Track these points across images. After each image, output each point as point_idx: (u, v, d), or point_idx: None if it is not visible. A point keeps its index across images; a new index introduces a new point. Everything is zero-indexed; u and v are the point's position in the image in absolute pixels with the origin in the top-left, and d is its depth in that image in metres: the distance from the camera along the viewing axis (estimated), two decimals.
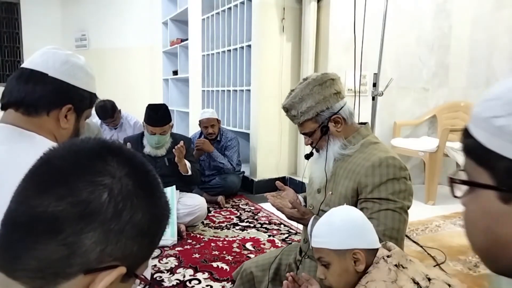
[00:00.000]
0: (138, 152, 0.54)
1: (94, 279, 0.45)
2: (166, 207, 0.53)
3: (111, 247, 0.45)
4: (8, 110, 0.97)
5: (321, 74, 1.31)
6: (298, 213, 1.30)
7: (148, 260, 0.54)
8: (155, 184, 0.52)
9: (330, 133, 1.30)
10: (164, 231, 0.54)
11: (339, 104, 1.29)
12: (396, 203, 1.17)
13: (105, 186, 0.45)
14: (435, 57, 4.05)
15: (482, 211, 0.46)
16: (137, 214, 0.47)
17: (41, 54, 1.00)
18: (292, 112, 1.33)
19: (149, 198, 0.49)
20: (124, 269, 0.46)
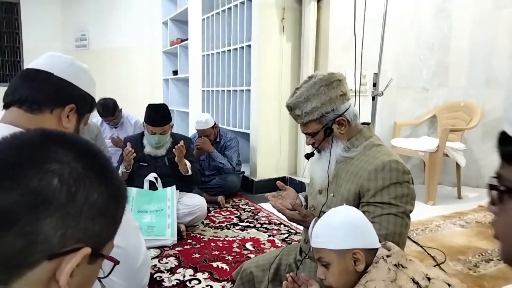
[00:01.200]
0: (82, 137, 0.54)
1: (60, 264, 0.45)
2: (121, 186, 0.53)
3: (71, 230, 0.45)
4: (10, 109, 0.98)
5: (328, 74, 1.27)
6: (299, 216, 1.29)
7: (113, 240, 0.54)
8: (105, 165, 0.52)
9: (333, 135, 1.28)
10: (123, 211, 0.54)
11: (345, 106, 1.27)
12: (398, 207, 1.16)
13: (54, 172, 0.45)
14: (435, 57, 4.05)
15: None
16: (92, 195, 0.47)
17: (46, 57, 1.04)
18: (296, 111, 1.30)
19: (101, 178, 0.49)
20: (89, 249, 0.47)
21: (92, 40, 6.84)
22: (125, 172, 2.74)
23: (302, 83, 1.32)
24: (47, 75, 1.00)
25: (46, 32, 6.78)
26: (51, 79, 1.00)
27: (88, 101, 1.07)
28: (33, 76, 1.00)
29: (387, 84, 2.70)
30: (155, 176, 2.79)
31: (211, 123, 3.54)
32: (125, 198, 0.54)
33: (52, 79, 1.00)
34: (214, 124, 3.61)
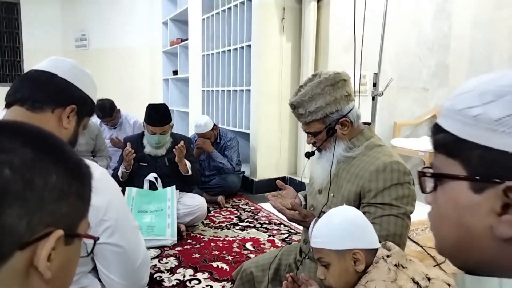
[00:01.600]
0: (26, 122, 0.53)
1: (34, 251, 0.44)
2: (80, 163, 0.52)
3: (37, 216, 0.44)
4: (12, 107, 0.99)
5: (333, 74, 1.25)
6: (299, 216, 1.28)
7: (87, 218, 0.53)
8: (57, 145, 0.51)
9: (335, 135, 1.28)
10: (90, 187, 0.53)
11: (348, 106, 1.26)
12: (399, 208, 1.16)
13: (3, 162, 0.43)
14: (435, 57, 4.05)
15: (453, 203, 0.46)
16: (50, 178, 0.46)
17: (50, 60, 1.06)
18: (300, 110, 1.28)
19: (56, 159, 0.48)
20: (61, 231, 0.46)
21: (92, 40, 6.84)
22: (125, 172, 2.74)
23: (306, 81, 1.30)
24: (50, 76, 1.02)
25: (46, 32, 6.77)
26: (54, 79, 1.02)
27: (88, 104, 1.08)
28: (36, 76, 1.02)
29: (387, 84, 2.70)
30: (155, 176, 2.79)
31: (210, 126, 3.54)
32: (87, 174, 0.53)
33: (55, 80, 1.02)
34: (214, 125, 3.61)
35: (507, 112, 0.41)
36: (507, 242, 0.42)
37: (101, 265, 1.01)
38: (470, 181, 0.44)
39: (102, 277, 1.02)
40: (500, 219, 0.42)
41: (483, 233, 0.43)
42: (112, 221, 0.95)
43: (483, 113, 0.43)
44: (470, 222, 0.45)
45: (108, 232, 0.96)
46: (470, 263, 0.47)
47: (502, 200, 0.41)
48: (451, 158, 0.46)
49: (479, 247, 0.44)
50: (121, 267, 1.02)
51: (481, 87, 0.45)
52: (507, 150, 0.41)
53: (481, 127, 0.43)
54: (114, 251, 0.99)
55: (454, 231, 0.47)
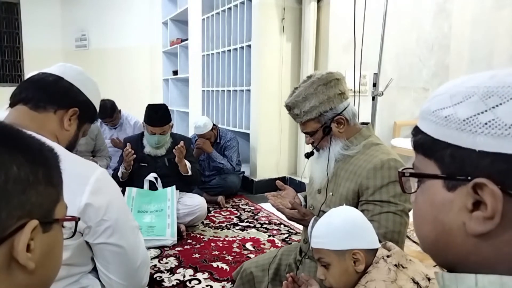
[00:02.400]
0: None
1: (12, 244, 0.44)
2: (41, 148, 0.50)
3: (5, 211, 0.43)
4: (16, 106, 1.00)
5: (326, 74, 1.28)
6: (299, 214, 1.29)
7: (62, 201, 0.52)
8: (14, 134, 0.49)
9: (332, 133, 1.29)
10: (57, 169, 0.52)
11: (343, 104, 1.28)
12: (397, 205, 1.17)
13: None
14: (435, 57, 4.05)
15: (430, 201, 0.48)
16: (11, 170, 0.44)
17: (59, 65, 1.10)
18: (295, 111, 1.30)
19: (14, 149, 0.46)
20: (35, 221, 0.45)
21: (92, 40, 6.84)
22: (125, 172, 2.74)
23: (300, 82, 1.33)
24: (57, 78, 1.05)
25: (46, 32, 6.78)
26: (60, 82, 1.04)
27: (91, 109, 1.11)
28: (42, 78, 1.04)
29: (387, 84, 2.69)
30: (155, 176, 2.79)
31: (209, 126, 3.54)
32: (52, 158, 0.51)
33: (61, 82, 1.04)
34: (213, 126, 3.61)
35: (473, 112, 0.43)
36: (480, 238, 0.43)
37: (101, 265, 1.01)
38: (443, 180, 0.46)
39: (102, 277, 1.02)
40: (471, 216, 0.43)
41: (458, 230, 0.45)
42: (112, 221, 0.96)
43: (452, 114, 0.45)
44: (445, 220, 0.46)
45: (108, 232, 0.96)
46: (449, 260, 0.48)
47: (473, 197, 0.42)
48: (427, 158, 0.48)
49: (455, 244, 0.46)
50: (121, 267, 1.02)
51: (453, 89, 0.47)
52: (474, 148, 0.42)
53: (451, 127, 0.45)
54: (114, 251, 0.99)
55: (432, 229, 0.48)
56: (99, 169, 0.97)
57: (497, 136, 0.41)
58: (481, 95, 0.43)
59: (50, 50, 6.62)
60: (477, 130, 0.42)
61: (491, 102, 0.42)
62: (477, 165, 0.42)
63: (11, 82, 6.68)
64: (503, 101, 0.41)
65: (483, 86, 0.44)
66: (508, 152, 0.40)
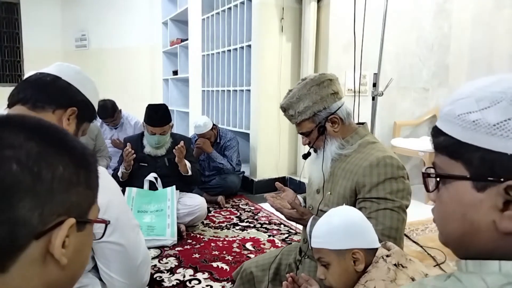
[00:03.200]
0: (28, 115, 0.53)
1: (49, 239, 0.46)
2: (84, 152, 0.53)
3: (48, 207, 0.46)
4: (14, 107, 1.00)
5: (319, 75, 1.32)
6: (297, 214, 1.30)
7: (96, 203, 0.55)
8: (61, 136, 0.51)
9: (327, 133, 1.31)
10: (96, 173, 0.54)
11: (337, 104, 1.30)
12: (394, 202, 1.17)
13: (10, 158, 0.44)
14: (435, 57, 4.05)
15: (458, 201, 0.50)
16: (57, 169, 0.47)
17: (56, 65, 1.09)
18: (290, 111, 1.34)
19: (61, 150, 0.49)
20: (73, 220, 0.48)
21: (92, 40, 6.84)
22: (125, 172, 2.74)
23: (295, 85, 1.36)
24: (54, 78, 1.04)
25: (46, 32, 6.78)
26: (58, 82, 1.04)
27: (89, 109, 1.10)
28: (39, 78, 1.04)
29: (387, 84, 2.70)
30: (155, 176, 2.79)
31: (209, 126, 3.54)
32: (93, 162, 0.54)
33: (58, 82, 1.04)
34: (213, 125, 3.62)
35: (504, 117, 0.45)
36: (508, 235, 0.45)
37: (102, 263, 1.01)
38: (473, 181, 0.48)
39: (103, 275, 1.02)
40: (503, 215, 0.45)
41: (487, 227, 0.47)
42: (113, 219, 0.96)
43: (481, 119, 0.46)
44: (474, 218, 0.48)
45: (109, 231, 0.96)
46: (471, 253, 0.50)
47: (504, 197, 0.45)
48: (453, 160, 0.50)
49: (482, 240, 0.48)
50: (122, 266, 1.02)
51: (478, 93, 0.48)
52: (506, 152, 0.44)
53: (480, 131, 0.46)
54: (114, 250, 0.99)
55: (459, 226, 0.51)
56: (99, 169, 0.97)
57: None
58: (509, 100, 0.45)
59: (50, 50, 6.62)
60: (509, 134, 0.44)
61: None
62: (509, 167, 0.44)
63: (11, 82, 6.68)
64: None
65: (511, 91, 0.46)
66: None
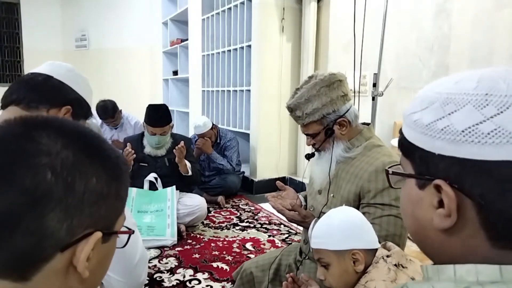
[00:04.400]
0: (67, 119, 0.52)
1: (74, 252, 0.45)
2: (118, 162, 0.52)
3: (77, 219, 0.45)
4: (8, 108, 1.00)
5: (329, 75, 1.26)
6: (299, 216, 1.28)
7: (123, 213, 0.54)
8: (97, 145, 0.50)
9: (334, 135, 1.28)
10: (128, 183, 0.53)
11: (345, 106, 1.26)
12: (398, 209, 1.15)
13: (45, 166, 0.43)
14: (435, 57, 4.05)
15: (407, 197, 0.52)
16: (90, 181, 0.46)
17: (47, 64, 1.08)
18: (297, 112, 1.29)
19: (96, 160, 0.48)
20: (100, 233, 0.47)
21: (92, 40, 6.84)
22: None
23: (302, 83, 1.31)
24: (46, 77, 1.04)
25: (46, 32, 6.78)
26: (50, 81, 1.03)
27: (84, 106, 1.10)
28: (32, 78, 1.04)
29: (387, 84, 2.69)
30: (155, 176, 2.79)
31: (209, 126, 3.54)
32: (125, 172, 0.53)
33: (51, 81, 1.03)
34: (213, 125, 3.61)
35: (434, 118, 0.46)
36: (446, 233, 0.46)
37: None
38: (415, 179, 0.49)
39: None
40: (436, 212, 0.46)
41: (428, 225, 0.48)
42: None
43: (419, 119, 0.48)
44: (419, 215, 0.49)
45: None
46: (428, 252, 0.52)
47: (437, 195, 0.46)
48: (405, 158, 0.52)
49: (429, 237, 0.49)
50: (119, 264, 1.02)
51: (425, 93, 0.50)
52: (434, 152, 0.45)
53: (418, 131, 0.48)
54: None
55: (411, 223, 0.52)
56: None
57: (451, 141, 0.43)
58: (441, 101, 0.46)
59: (50, 50, 6.62)
60: (435, 135, 0.45)
61: (448, 108, 0.45)
62: (438, 167, 0.45)
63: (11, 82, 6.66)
64: (458, 108, 0.44)
65: (445, 92, 0.46)
66: (461, 156, 0.43)
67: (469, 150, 0.42)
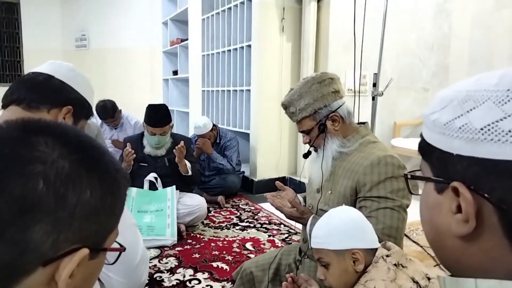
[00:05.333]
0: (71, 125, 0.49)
1: (57, 267, 0.43)
2: (117, 176, 0.49)
3: (64, 234, 0.42)
4: (8, 108, 1.00)
5: (321, 73, 1.33)
6: (297, 212, 1.30)
7: (116, 229, 0.51)
8: (97, 156, 0.48)
9: (327, 131, 1.31)
10: (124, 199, 0.50)
11: (337, 102, 1.30)
12: (394, 201, 1.17)
13: (38, 175, 0.41)
14: (435, 57, 4.05)
15: (426, 203, 0.49)
16: (84, 194, 0.43)
17: (48, 63, 1.08)
18: (291, 109, 1.35)
19: (93, 173, 0.45)
20: (86, 250, 0.44)
21: (92, 40, 6.84)
22: None
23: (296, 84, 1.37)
24: (47, 77, 1.03)
25: (46, 32, 6.77)
26: (51, 81, 1.03)
27: (85, 106, 1.09)
28: (33, 78, 1.03)
29: (387, 84, 2.70)
30: (155, 176, 2.79)
31: (209, 126, 3.54)
32: (123, 187, 0.50)
33: (51, 81, 1.03)
34: (213, 126, 3.62)
35: (452, 116, 0.43)
36: (465, 241, 0.43)
37: None
38: (434, 182, 0.46)
39: (101, 275, 1.02)
40: (454, 218, 0.43)
41: (447, 232, 0.45)
42: None
43: (438, 118, 0.46)
44: (437, 221, 0.47)
45: None
46: (446, 261, 0.48)
47: (456, 200, 0.43)
48: (424, 161, 0.49)
49: (447, 246, 0.46)
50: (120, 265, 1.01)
51: (446, 92, 0.47)
52: (452, 152, 0.43)
53: (436, 131, 0.45)
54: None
55: (429, 229, 0.50)
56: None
57: (469, 140, 0.41)
58: (460, 99, 0.43)
59: (50, 50, 6.62)
60: (453, 134, 0.43)
61: (467, 106, 0.42)
62: (456, 168, 0.42)
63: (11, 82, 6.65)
64: (477, 105, 0.41)
65: (465, 89, 0.44)
66: (480, 156, 0.40)
67: (488, 149, 0.39)
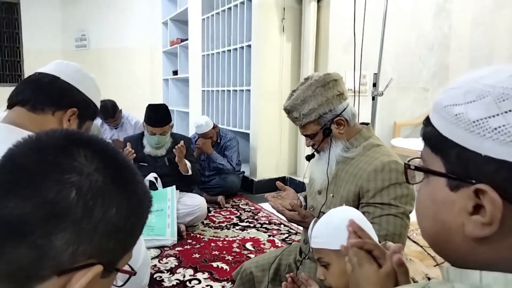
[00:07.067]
0: (110, 143, 0.51)
1: (70, 279, 0.43)
2: (144, 198, 0.50)
3: (84, 246, 0.43)
4: (14, 108, 1.00)
5: (324, 75, 1.27)
6: (299, 216, 1.29)
7: (131, 251, 0.52)
8: (129, 177, 0.49)
9: (332, 135, 1.28)
10: (145, 223, 0.52)
11: (342, 105, 1.27)
12: (398, 208, 1.16)
13: (73, 184, 0.43)
14: (435, 57, 4.05)
15: (432, 197, 0.47)
16: (110, 211, 0.45)
17: (54, 63, 1.07)
18: (294, 114, 1.29)
19: (123, 192, 0.47)
20: (101, 267, 0.45)
21: (92, 40, 6.84)
22: None
23: (298, 85, 1.32)
24: (53, 78, 1.02)
25: (46, 32, 6.77)
26: (57, 82, 1.02)
27: (91, 107, 1.08)
28: (38, 79, 1.03)
29: (387, 84, 2.69)
30: (155, 176, 2.79)
31: (211, 125, 3.55)
32: (147, 210, 0.51)
33: (57, 82, 1.02)
34: (214, 124, 3.62)
35: (485, 114, 0.41)
36: (478, 242, 0.42)
37: None
38: (447, 178, 0.44)
39: None
40: (470, 219, 0.42)
41: (457, 230, 0.44)
42: None
43: (463, 113, 0.43)
44: (445, 218, 0.45)
45: None
46: (448, 255, 0.48)
47: (474, 200, 0.41)
48: (434, 153, 0.47)
49: (454, 243, 0.45)
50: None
51: (469, 84, 0.44)
52: (480, 153, 0.40)
53: (460, 126, 0.43)
54: None
55: (432, 225, 0.48)
56: None
57: (506, 143, 0.39)
58: (495, 96, 0.40)
59: (50, 50, 6.62)
60: (486, 134, 0.40)
61: (505, 105, 0.40)
62: (482, 169, 0.41)
63: (11, 82, 6.68)
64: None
65: (500, 86, 0.41)
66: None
67: None
